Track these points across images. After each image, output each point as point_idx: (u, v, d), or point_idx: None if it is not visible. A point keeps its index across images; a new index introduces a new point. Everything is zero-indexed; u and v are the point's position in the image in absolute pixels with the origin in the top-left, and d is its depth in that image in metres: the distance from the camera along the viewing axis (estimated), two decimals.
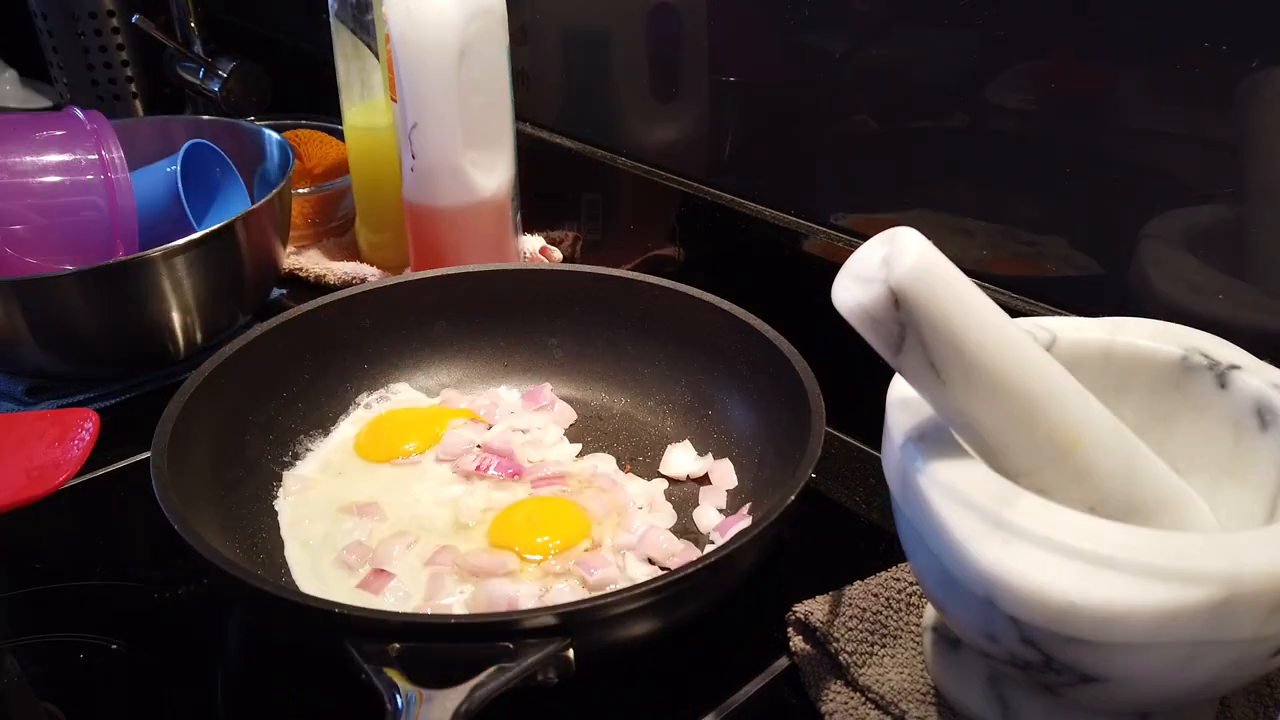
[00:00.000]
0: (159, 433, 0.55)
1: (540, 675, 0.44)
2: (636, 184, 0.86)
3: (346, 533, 0.60)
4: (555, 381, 0.74)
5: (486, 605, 0.54)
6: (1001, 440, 0.41)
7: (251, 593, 0.46)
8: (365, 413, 0.70)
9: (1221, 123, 0.54)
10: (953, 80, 0.64)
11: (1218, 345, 0.48)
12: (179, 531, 0.48)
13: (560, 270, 0.79)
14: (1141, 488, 0.43)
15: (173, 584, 0.60)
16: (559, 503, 0.62)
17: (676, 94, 0.83)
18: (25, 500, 0.58)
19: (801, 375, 0.60)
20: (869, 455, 0.70)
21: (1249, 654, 0.38)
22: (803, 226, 0.74)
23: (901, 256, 0.37)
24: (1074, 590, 0.36)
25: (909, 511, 0.43)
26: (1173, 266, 0.57)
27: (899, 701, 0.49)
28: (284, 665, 0.54)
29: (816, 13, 0.70)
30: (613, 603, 0.45)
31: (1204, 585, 0.35)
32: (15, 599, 0.59)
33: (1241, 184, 0.54)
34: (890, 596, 0.53)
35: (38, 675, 0.54)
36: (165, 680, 0.54)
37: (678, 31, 0.81)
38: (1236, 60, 0.52)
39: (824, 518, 0.65)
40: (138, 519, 0.66)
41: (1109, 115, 0.58)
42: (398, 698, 0.41)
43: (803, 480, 0.51)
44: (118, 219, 0.76)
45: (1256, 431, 0.45)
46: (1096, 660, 0.38)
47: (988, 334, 0.39)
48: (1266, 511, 0.44)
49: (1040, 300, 0.62)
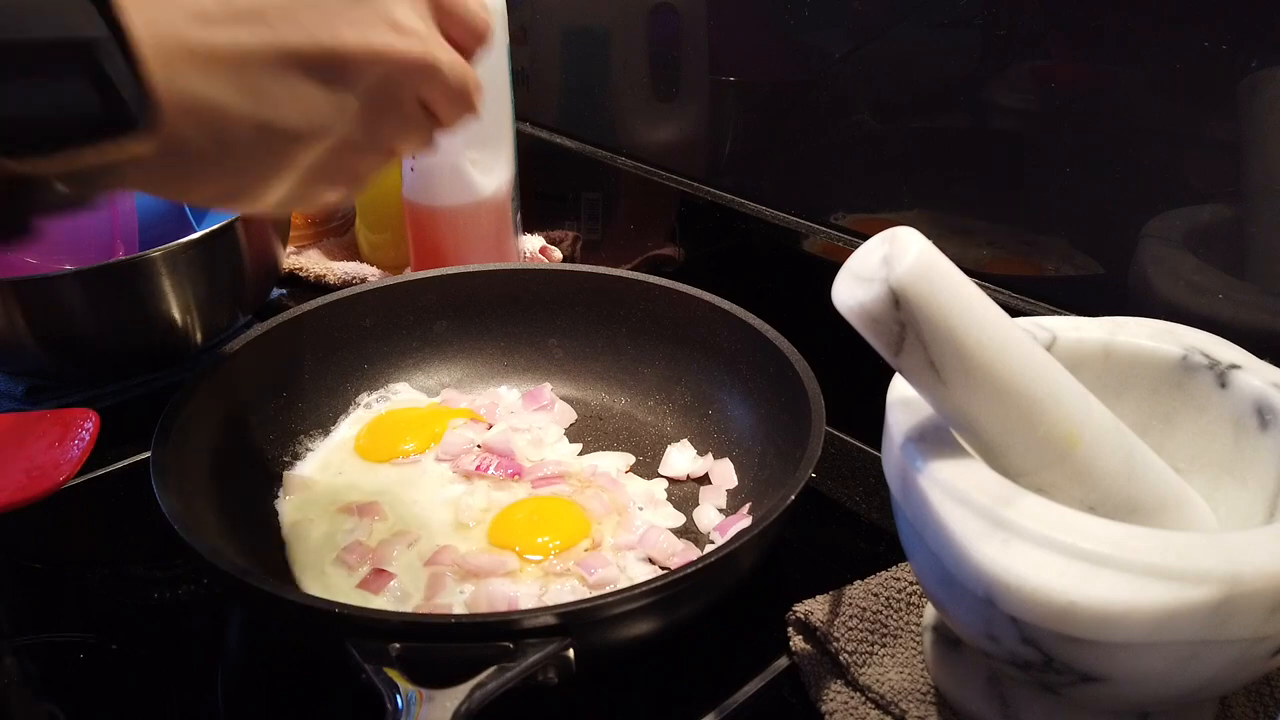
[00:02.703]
0: (159, 433, 0.55)
1: (540, 675, 0.44)
2: (636, 184, 0.86)
3: (346, 533, 0.60)
4: (555, 381, 0.74)
5: (486, 605, 0.54)
6: (1001, 440, 0.41)
7: (251, 593, 0.46)
8: (365, 413, 0.70)
9: (1221, 122, 0.54)
10: (953, 80, 0.64)
11: (1218, 345, 0.48)
12: (179, 531, 0.48)
13: (560, 270, 0.79)
14: (1141, 487, 0.43)
15: (173, 584, 0.60)
16: (559, 502, 0.62)
17: (676, 94, 0.83)
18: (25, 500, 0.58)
19: (801, 375, 0.60)
20: (869, 455, 0.70)
21: (1249, 654, 0.38)
22: (803, 226, 0.74)
23: (901, 256, 0.37)
24: (1074, 590, 0.36)
25: (909, 511, 0.43)
26: (1173, 266, 0.57)
27: (899, 701, 0.49)
28: (284, 665, 0.54)
29: (816, 13, 0.70)
30: (613, 603, 0.45)
31: (1204, 585, 0.35)
32: (15, 599, 0.59)
33: (1241, 183, 0.54)
34: (890, 596, 0.53)
35: (38, 675, 0.54)
36: (165, 680, 0.54)
37: (678, 31, 0.81)
38: (1236, 60, 0.52)
39: (824, 518, 0.65)
40: (138, 519, 0.66)
41: (1109, 115, 0.58)
42: (398, 698, 0.41)
43: (803, 480, 0.51)
44: (118, 219, 0.76)
45: (1256, 431, 0.45)
46: (1096, 660, 0.38)
47: (988, 334, 0.39)
48: (1266, 511, 0.44)
49: (1040, 300, 0.62)
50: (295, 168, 0.33)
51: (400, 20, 0.32)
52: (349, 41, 0.31)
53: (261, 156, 0.31)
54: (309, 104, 0.31)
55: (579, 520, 0.60)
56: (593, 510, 0.61)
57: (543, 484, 0.64)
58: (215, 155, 0.30)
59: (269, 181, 0.33)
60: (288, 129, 0.31)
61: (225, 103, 0.29)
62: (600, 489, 0.63)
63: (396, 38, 0.32)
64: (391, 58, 0.32)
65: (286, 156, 0.32)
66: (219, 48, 0.28)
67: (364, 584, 0.56)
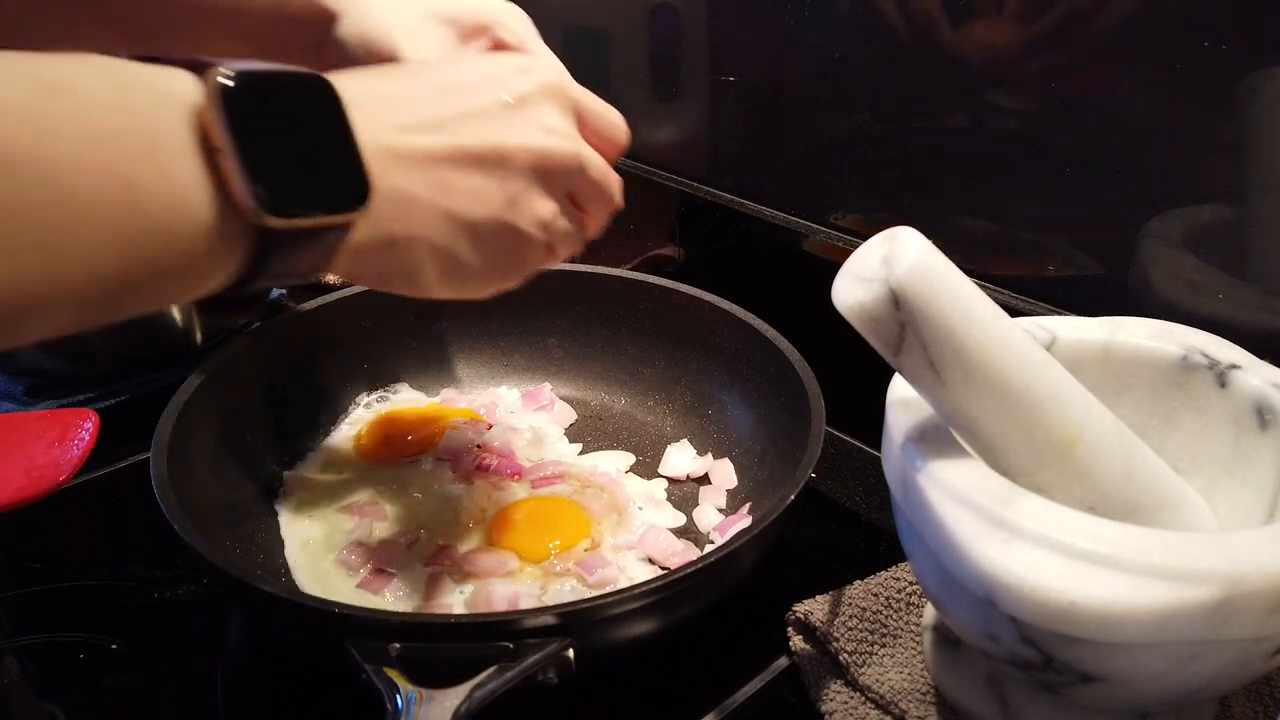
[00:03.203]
0: (159, 433, 0.55)
1: (540, 675, 0.44)
2: (636, 184, 0.86)
3: (346, 533, 0.60)
4: (555, 381, 0.74)
5: (486, 605, 0.54)
6: (1001, 440, 0.41)
7: (251, 593, 0.46)
8: (365, 413, 0.70)
9: (1221, 123, 0.54)
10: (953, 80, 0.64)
11: (1218, 345, 0.48)
12: (179, 531, 0.48)
13: (560, 270, 0.79)
14: (1141, 487, 0.43)
15: (173, 584, 0.60)
16: (559, 502, 0.62)
17: (676, 94, 0.83)
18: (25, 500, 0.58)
19: (801, 375, 0.60)
20: (869, 455, 0.70)
21: (1249, 654, 0.38)
22: (803, 226, 0.74)
23: (901, 256, 0.37)
24: (1074, 590, 0.36)
25: (909, 511, 0.43)
26: (1173, 266, 0.57)
27: (899, 701, 0.49)
28: (284, 665, 0.55)
29: (816, 13, 0.70)
30: (613, 603, 0.45)
31: (1204, 585, 0.35)
32: (15, 599, 0.59)
33: (1241, 183, 0.54)
34: (890, 596, 0.53)
35: (38, 675, 0.54)
36: (165, 680, 0.54)
37: (678, 31, 0.81)
38: (1236, 60, 0.52)
39: (824, 518, 0.65)
40: (138, 519, 0.66)
41: (1109, 115, 0.58)
42: (398, 698, 0.41)
43: (803, 480, 0.51)
44: None
45: (1256, 431, 0.45)
46: (1096, 660, 0.38)
47: (988, 334, 0.39)
48: (1266, 511, 0.44)
49: (1040, 300, 0.62)
50: (467, 253, 0.39)
51: (551, 125, 0.40)
52: (510, 141, 0.38)
53: (441, 241, 0.38)
54: (481, 193, 0.38)
55: (579, 520, 0.60)
56: (593, 510, 0.61)
57: (543, 484, 0.64)
58: (404, 238, 0.37)
59: (446, 265, 0.39)
60: (463, 215, 0.38)
61: (417, 192, 0.36)
62: (600, 489, 0.63)
63: (547, 137, 0.40)
64: (544, 153, 0.39)
65: (461, 240, 0.39)
66: (414, 150, 0.36)
67: (364, 584, 0.56)
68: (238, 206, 0.29)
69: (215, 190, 0.29)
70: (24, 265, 0.25)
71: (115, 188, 0.26)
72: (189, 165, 0.28)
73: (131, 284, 0.29)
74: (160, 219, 0.28)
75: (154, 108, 0.28)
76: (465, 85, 0.39)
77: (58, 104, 0.26)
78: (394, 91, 0.38)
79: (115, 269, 0.28)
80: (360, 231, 0.34)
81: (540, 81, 0.41)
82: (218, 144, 0.29)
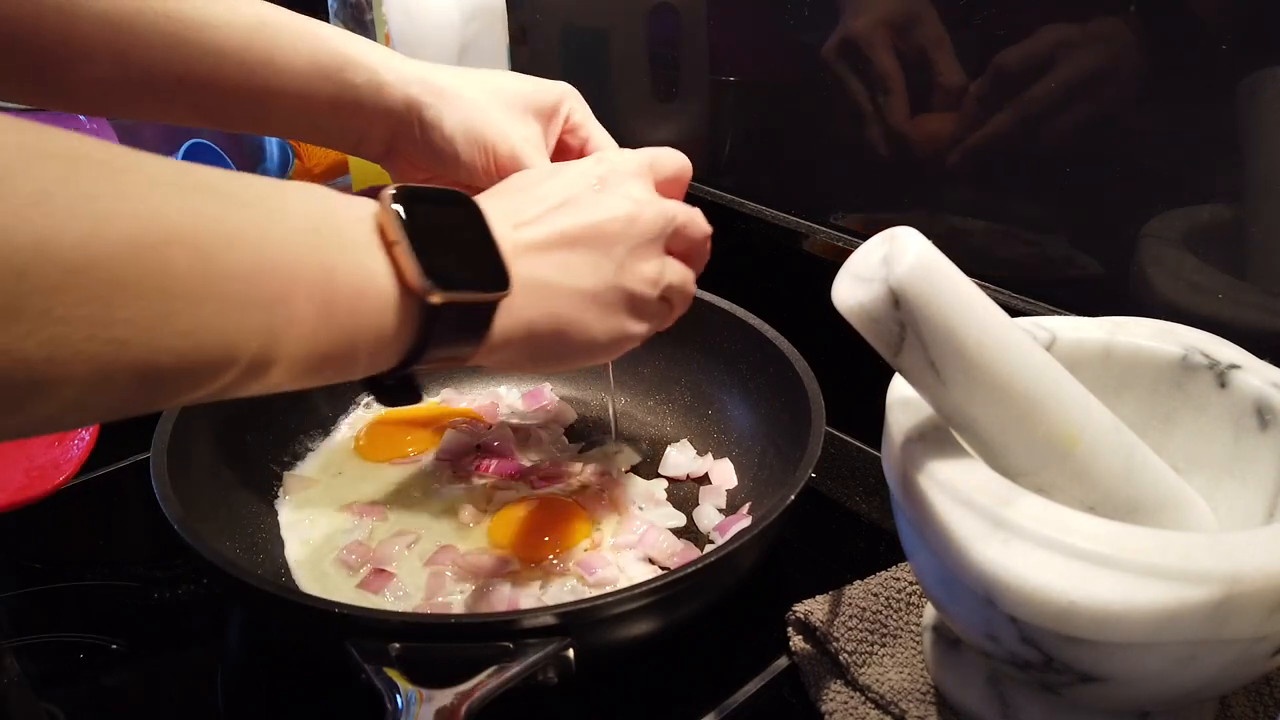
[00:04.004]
0: (159, 433, 0.55)
1: (540, 675, 0.44)
2: None
3: (346, 533, 0.60)
4: (555, 381, 0.74)
5: (486, 605, 0.54)
6: (1001, 440, 0.41)
7: (251, 593, 0.46)
8: (365, 413, 0.70)
9: (1221, 122, 0.54)
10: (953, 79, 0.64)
11: (1218, 345, 0.48)
12: (179, 531, 0.48)
13: None
14: (1141, 487, 0.43)
15: (173, 584, 0.60)
16: (559, 502, 0.62)
17: (676, 94, 0.83)
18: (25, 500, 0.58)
19: (801, 375, 0.60)
20: (869, 455, 0.70)
21: (1249, 654, 0.38)
22: (803, 226, 0.74)
23: (901, 256, 0.37)
24: (1074, 590, 0.36)
25: (909, 511, 0.43)
26: (1173, 266, 0.57)
27: (899, 701, 0.49)
28: (284, 665, 0.55)
29: (816, 13, 0.70)
30: (613, 603, 0.45)
31: (1204, 585, 0.35)
32: (15, 599, 0.59)
33: (1241, 183, 0.54)
34: (890, 596, 0.53)
35: (38, 675, 0.54)
36: (165, 680, 0.54)
37: (678, 31, 0.81)
38: (1236, 60, 0.52)
39: (824, 518, 0.65)
40: (138, 519, 0.66)
41: (1109, 115, 0.58)
42: (398, 698, 0.41)
43: (803, 480, 0.51)
44: None
45: (1256, 431, 0.45)
46: (1096, 660, 0.38)
47: (988, 334, 0.39)
48: (1266, 511, 0.44)
49: (1040, 300, 0.62)
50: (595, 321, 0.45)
51: (634, 195, 0.47)
52: (602, 216, 0.45)
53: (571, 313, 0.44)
54: (593, 266, 0.44)
55: (579, 520, 0.60)
56: (593, 510, 0.61)
57: (543, 484, 0.64)
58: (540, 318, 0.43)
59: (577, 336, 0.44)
60: (582, 287, 0.44)
61: (541, 275, 0.42)
62: (600, 489, 0.63)
63: (635, 206, 0.46)
64: (633, 219, 0.46)
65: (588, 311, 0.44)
66: (531, 242, 0.42)
67: (364, 584, 0.56)
68: (409, 286, 0.36)
69: (392, 272, 0.36)
70: (252, 321, 0.32)
71: (317, 269, 0.33)
72: (372, 254, 0.36)
73: (330, 353, 0.35)
74: (351, 295, 0.35)
75: (345, 212, 0.36)
76: (558, 185, 0.46)
77: (281, 218, 0.34)
78: (507, 199, 0.45)
79: (316, 331, 0.34)
80: (501, 321, 0.40)
81: (615, 164, 0.48)
82: (392, 237, 0.36)
